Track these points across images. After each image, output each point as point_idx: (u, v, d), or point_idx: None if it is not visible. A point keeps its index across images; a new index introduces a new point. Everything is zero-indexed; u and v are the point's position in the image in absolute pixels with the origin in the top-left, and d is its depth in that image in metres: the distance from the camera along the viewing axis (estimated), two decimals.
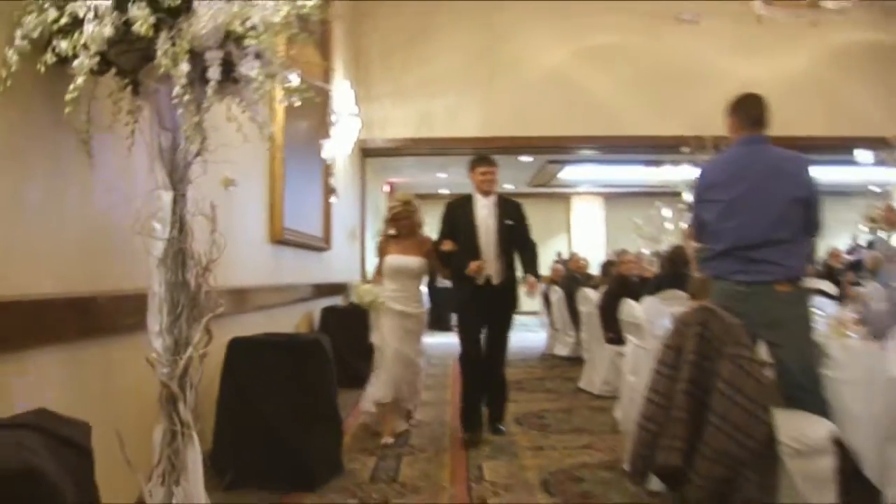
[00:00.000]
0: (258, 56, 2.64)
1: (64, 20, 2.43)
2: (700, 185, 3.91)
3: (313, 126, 7.46)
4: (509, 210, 5.66)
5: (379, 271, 5.81)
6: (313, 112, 7.28)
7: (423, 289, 6.10)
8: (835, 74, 11.53)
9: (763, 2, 7.72)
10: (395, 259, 5.66)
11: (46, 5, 2.47)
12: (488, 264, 5.46)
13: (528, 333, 12.03)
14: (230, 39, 2.57)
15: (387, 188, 17.04)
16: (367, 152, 11.17)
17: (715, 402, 2.97)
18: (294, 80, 2.96)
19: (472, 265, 5.39)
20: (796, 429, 3.26)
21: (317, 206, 7.73)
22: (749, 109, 3.83)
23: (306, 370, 4.15)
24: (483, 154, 5.85)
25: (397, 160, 13.27)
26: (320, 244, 7.80)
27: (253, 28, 2.55)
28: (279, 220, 5.92)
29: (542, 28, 11.41)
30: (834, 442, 3.24)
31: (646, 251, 11.39)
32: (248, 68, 2.60)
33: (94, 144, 2.72)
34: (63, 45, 2.44)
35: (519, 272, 5.75)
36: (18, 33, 2.46)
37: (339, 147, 8.66)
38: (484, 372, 5.62)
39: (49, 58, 2.44)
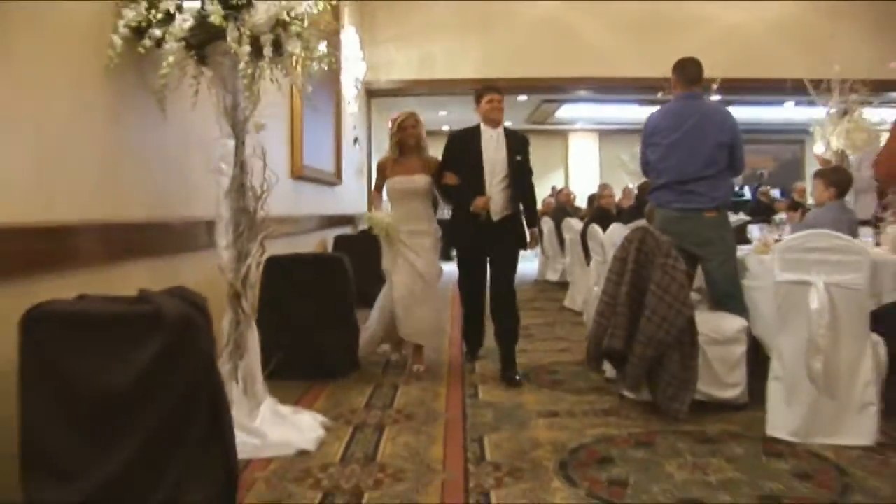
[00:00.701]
0: (299, 36, 3.52)
1: (158, 15, 3.30)
2: (646, 131, 4.81)
3: (325, 71, 8.28)
4: (518, 144, 5.36)
5: (378, 189, 5.61)
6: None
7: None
8: (817, 18, 12.21)
9: None
10: (399, 181, 5.36)
11: (142, 3, 3.34)
12: (493, 200, 5.20)
13: (523, 263, 12.96)
14: (279, 25, 3.44)
15: (390, 123, 17.79)
16: (371, 93, 11.96)
17: (648, 299, 3.91)
18: (323, 48, 3.85)
19: (479, 201, 5.14)
20: (716, 324, 4.22)
21: (329, 144, 8.61)
22: (687, 71, 4.72)
23: (329, 282, 5.11)
24: (489, 83, 5.68)
25: (400, 100, 14.03)
26: (332, 179, 8.70)
27: (297, 17, 3.43)
28: (299, 159, 6.80)
29: None
30: (745, 333, 4.20)
31: (631, 185, 12.20)
32: (293, 47, 3.48)
33: (167, 102, 3.61)
34: (157, 32, 3.31)
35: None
36: (121, 23, 3.32)
37: (347, 90, 9.49)
38: (484, 311, 5.58)
39: (147, 42, 3.31)
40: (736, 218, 7.23)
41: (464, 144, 5.34)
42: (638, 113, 15.14)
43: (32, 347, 2.33)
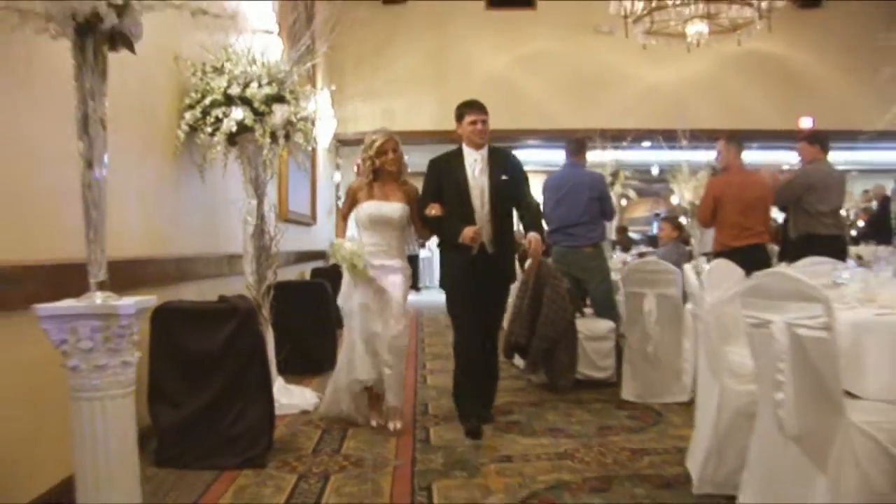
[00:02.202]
0: (301, 130, 5.31)
1: (210, 119, 5.07)
2: (544, 189, 6.64)
3: None
4: (503, 162, 4.92)
5: (344, 216, 5.15)
6: None
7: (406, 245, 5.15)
8: (728, 76, 14.25)
9: (642, 34, 10.23)
10: (373, 206, 4.90)
11: (198, 109, 5.10)
12: (484, 230, 4.75)
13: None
14: (289, 123, 5.22)
15: (355, 168, 19.65)
16: (341, 143, 13.78)
17: (543, 307, 5.72)
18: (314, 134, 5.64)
19: (468, 232, 4.63)
20: (592, 325, 6.07)
21: (306, 191, 10.39)
22: (571, 146, 6.59)
23: (316, 300, 6.85)
24: (472, 99, 4.99)
25: None
26: (309, 220, 10.48)
27: (303, 119, 5.22)
28: (285, 205, 8.56)
29: (486, 37, 14.03)
30: (613, 332, 6.03)
31: None
32: (298, 137, 5.27)
33: (206, 173, 5.37)
34: (209, 130, 5.07)
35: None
36: (182, 123, 5.09)
37: (319, 142, 11.31)
38: (480, 368, 4.97)
39: (202, 137, 5.07)
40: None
41: (446, 170, 4.90)
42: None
43: (158, 328, 4.09)
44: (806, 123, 14.24)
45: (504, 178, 4.85)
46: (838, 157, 15.89)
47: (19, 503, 3.03)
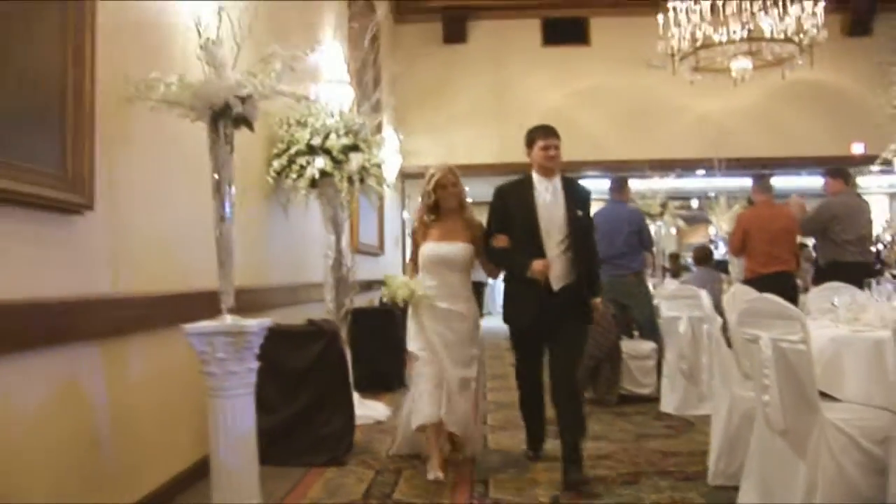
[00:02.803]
0: (374, 175, 6.08)
1: (295, 166, 5.87)
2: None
3: None
4: (579, 197, 4.66)
5: (413, 261, 4.87)
6: None
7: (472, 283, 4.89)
8: (777, 105, 14.74)
9: (689, 70, 10.88)
10: (433, 248, 4.67)
11: (284, 158, 5.91)
12: (552, 265, 4.47)
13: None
14: (364, 169, 6.00)
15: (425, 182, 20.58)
16: (405, 176, 14.60)
17: (590, 329, 6.38)
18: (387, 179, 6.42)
19: (537, 265, 4.38)
20: (636, 346, 6.70)
21: (374, 223, 11.21)
22: (613, 185, 7.25)
23: (385, 324, 7.60)
24: (543, 124, 4.78)
25: None
26: (376, 250, 11.29)
27: (375, 165, 6.00)
28: (356, 237, 9.37)
29: (543, 73, 14.74)
30: (654, 352, 6.66)
31: None
32: (372, 182, 6.04)
33: (289, 211, 6.18)
34: (294, 175, 5.87)
35: None
36: (271, 169, 5.89)
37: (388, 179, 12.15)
38: (543, 398, 4.86)
39: (291, 181, 5.87)
40: None
41: (514, 200, 4.62)
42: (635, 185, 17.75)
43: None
44: (858, 149, 14.64)
45: (579, 213, 4.57)
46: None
47: (168, 476, 3.86)
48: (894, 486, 3.08)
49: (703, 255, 7.98)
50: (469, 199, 4.93)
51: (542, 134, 4.66)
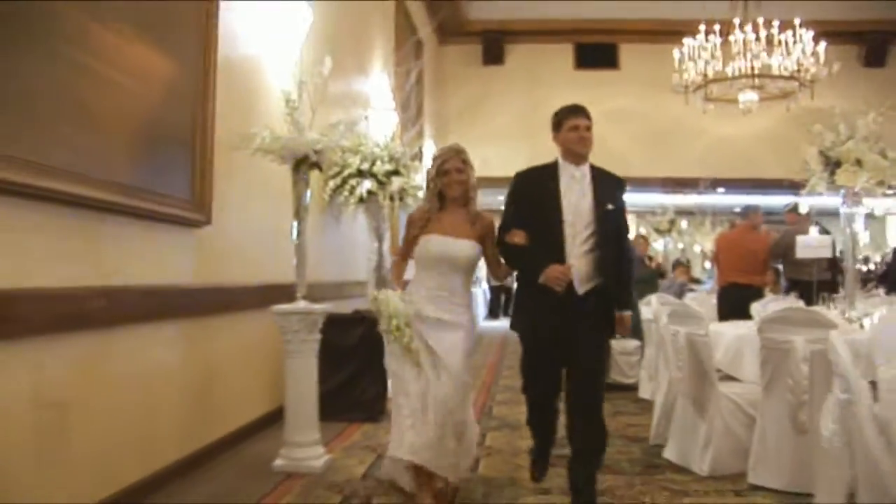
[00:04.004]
0: (412, 194, 7.54)
1: (347, 186, 7.36)
2: None
3: None
4: (609, 187, 4.02)
5: (404, 255, 4.27)
6: None
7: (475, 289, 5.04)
8: (792, 130, 15.92)
9: (703, 100, 12.21)
10: (436, 241, 4.02)
11: (338, 178, 7.39)
12: (575, 266, 3.83)
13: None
14: (404, 189, 7.47)
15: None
16: None
17: None
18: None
19: (552, 272, 3.77)
20: (623, 343, 8.09)
21: None
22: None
23: None
24: (573, 104, 4.05)
25: None
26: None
27: (413, 186, 7.47)
28: (396, 243, 10.82)
29: (574, 93, 15.88)
30: (638, 349, 8.05)
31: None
32: (409, 200, 7.51)
33: (340, 221, 7.68)
34: (346, 193, 7.37)
35: None
36: (327, 189, 7.39)
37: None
38: (556, 421, 4.28)
39: (343, 198, 7.36)
40: None
41: (536, 188, 3.97)
42: (660, 199, 19.08)
43: None
44: None
45: (610, 207, 3.92)
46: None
47: (247, 421, 5.39)
48: (758, 432, 4.45)
49: (685, 269, 9.44)
50: (481, 196, 4.26)
51: (571, 113, 3.98)
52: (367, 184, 7.28)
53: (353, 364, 6.32)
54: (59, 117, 3.40)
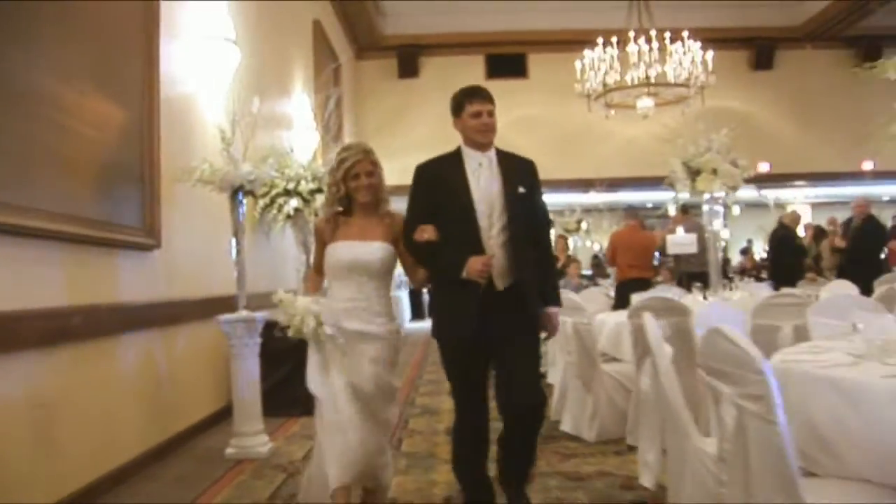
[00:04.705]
0: None
1: (275, 205, 8.15)
2: None
3: None
4: (519, 169, 3.83)
5: (317, 269, 3.98)
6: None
7: (395, 294, 5.05)
8: (694, 130, 17.07)
9: (605, 107, 13.26)
10: (346, 248, 3.72)
11: (267, 198, 8.18)
12: (495, 257, 3.60)
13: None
14: None
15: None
16: None
17: None
18: None
19: (474, 263, 3.53)
20: None
21: None
22: None
23: None
24: (474, 85, 3.96)
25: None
26: None
27: None
28: None
29: None
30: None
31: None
32: None
33: (270, 236, 8.48)
34: (275, 211, 8.16)
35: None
36: (257, 208, 8.18)
37: None
38: (488, 442, 3.91)
39: (272, 215, 8.15)
40: None
41: (440, 179, 3.80)
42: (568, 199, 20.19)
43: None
44: (764, 167, 17.08)
45: (521, 190, 3.73)
46: (795, 194, 18.98)
47: (200, 418, 6.18)
48: (633, 401, 5.37)
49: (578, 266, 10.48)
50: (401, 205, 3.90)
51: (471, 96, 3.81)
52: (294, 202, 8.08)
53: (289, 364, 7.08)
54: (39, 167, 4.17)
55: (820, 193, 20.49)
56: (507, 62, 17.28)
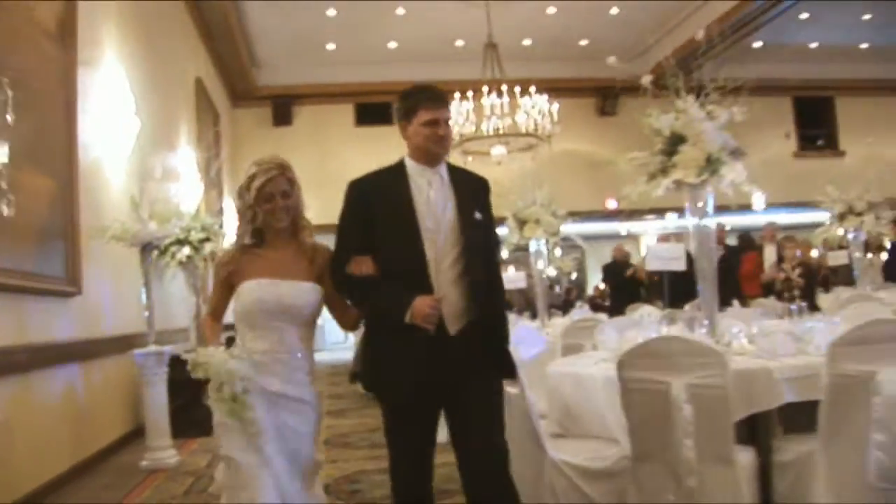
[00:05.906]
0: None
1: (168, 252, 9.22)
2: None
3: None
4: (474, 191, 3.28)
5: (214, 315, 3.29)
6: None
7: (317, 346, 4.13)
8: (551, 169, 18.79)
9: (462, 154, 14.76)
10: (263, 288, 3.09)
11: (161, 247, 9.25)
12: (445, 298, 3.02)
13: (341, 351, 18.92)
14: (213, 252, 9.42)
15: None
16: None
17: None
18: None
19: (421, 305, 2.94)
20: None
21: None
22: None
23: None
24: (428, 86, 3.36)
25: None
26: None
27: (222, 248, 9.44)
28: (207, 292, 12.65)
29: (357, 148, 18.34)
30: None
31: None
32: None
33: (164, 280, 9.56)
34: (168, 258, 9.22)
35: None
36: (153, 255, 9.24)
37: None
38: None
39: (164, 262, 9.22)
40: None
41: (380, 199, 3.20)
42: None
43: None
44: (612, 204, 18.96)
45: (478, 216, 3.20)
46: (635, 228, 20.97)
47: (116, 437, 7.24)
48: None
49: None
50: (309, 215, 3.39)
51: (428, 101, 3.23)
52: (185, 251, 9.16)
53: (189, 391, 8.18)
54: None
55: (669, 225, 22.57)
56: (376, 110, 18.43)
